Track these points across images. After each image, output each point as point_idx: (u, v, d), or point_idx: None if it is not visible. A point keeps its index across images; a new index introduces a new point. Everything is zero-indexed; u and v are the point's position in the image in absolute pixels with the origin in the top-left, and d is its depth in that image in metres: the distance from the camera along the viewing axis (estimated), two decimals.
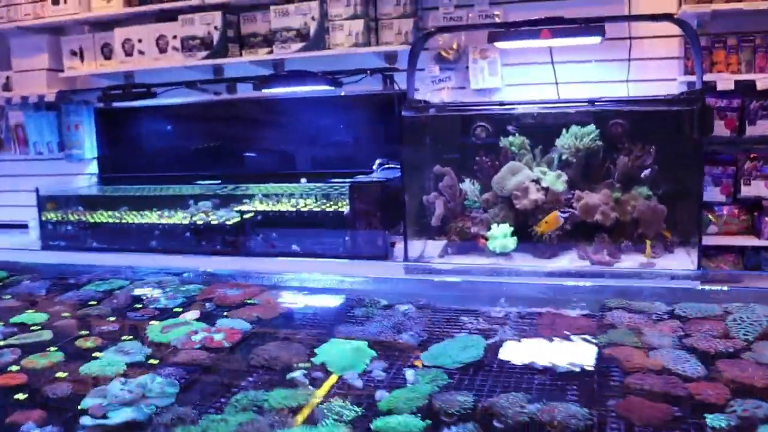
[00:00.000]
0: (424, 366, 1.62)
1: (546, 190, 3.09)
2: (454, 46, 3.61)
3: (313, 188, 3.71)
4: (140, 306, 2.11)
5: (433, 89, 3.73)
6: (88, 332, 1.90)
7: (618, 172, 3.11)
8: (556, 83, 3.55)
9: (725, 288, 2.05)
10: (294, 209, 3.50)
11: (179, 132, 4.22)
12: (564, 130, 3.14)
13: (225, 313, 1.99)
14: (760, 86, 3.12)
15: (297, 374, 1.57)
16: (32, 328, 1.96)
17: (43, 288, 2.38)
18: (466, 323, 1.91)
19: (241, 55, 3.79)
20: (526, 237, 3.09)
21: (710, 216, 3.44)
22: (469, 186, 3.27)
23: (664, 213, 3.03)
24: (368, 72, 3.60)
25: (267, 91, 3.72)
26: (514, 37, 3.05)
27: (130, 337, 1.85)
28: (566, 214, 2.89)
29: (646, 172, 3.06)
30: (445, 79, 3.69)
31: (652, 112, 3.01)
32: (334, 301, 2.22)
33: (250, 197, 3.75)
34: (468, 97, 3.71)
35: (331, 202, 3.54)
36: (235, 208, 3.62)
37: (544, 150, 3.22)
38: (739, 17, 3.20)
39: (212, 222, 3.59)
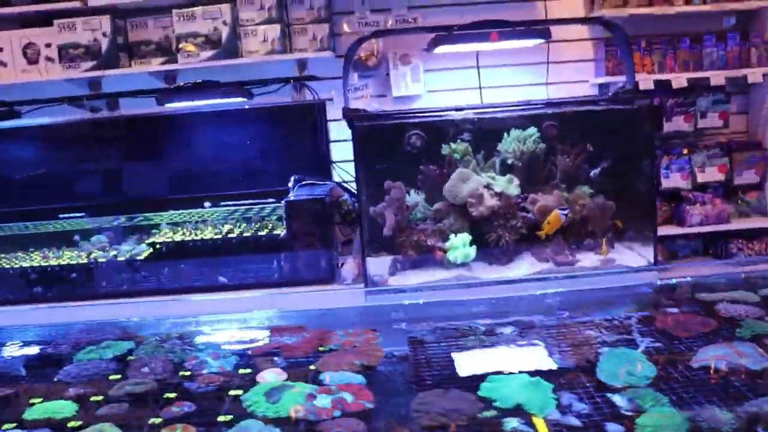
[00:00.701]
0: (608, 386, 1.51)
1: (499, 195, 3.01)
2: (374, 52, 3.44)
3: (231, 211, 3.34)
4: (188, 372, 1.69)
5: (353, 97, 3.52)
6: (160, 419, 1.44)
7: (560, 173, 3.12)
8: (480, 88, 3.50)
9: None
10: (219, 236, 3.11)
11: (54, 157, 3.59)
12: (505, 134, 3.09)
13: (312, 366, 1.66)
14: (675, 85, 3.30)
15: (513, 425, 1.32)
16: (71, 425, 1.44)
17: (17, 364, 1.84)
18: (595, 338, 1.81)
19: (130, 65, 3.31)
20: (483, 244, 3.01)
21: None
22: (414, 198, 3.11)
23: (613, 209, 3.09)
24: (291, 80, 3.31)
25: (171, 106, 3.28)
26: (463, 41, 2.95)
27: (227, 417, 1.43)
28: (566, 212, 2.84)
29: (596, 170, 3.09)
30: (362, 87, 3.50)
31: (597, 111, 3.05)
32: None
33: (156, 227, 3.30)
34: (390, 105, 3.55)
35: (259, 225, 3.20)
36: (147, 240, 3.15)
37: (486, 155, 3.15)
38: (649, 21, 3.37)
39: (118, 259, 3.08)
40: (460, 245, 2.95)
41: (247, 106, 3.51)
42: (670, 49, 3.35)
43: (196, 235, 3.10)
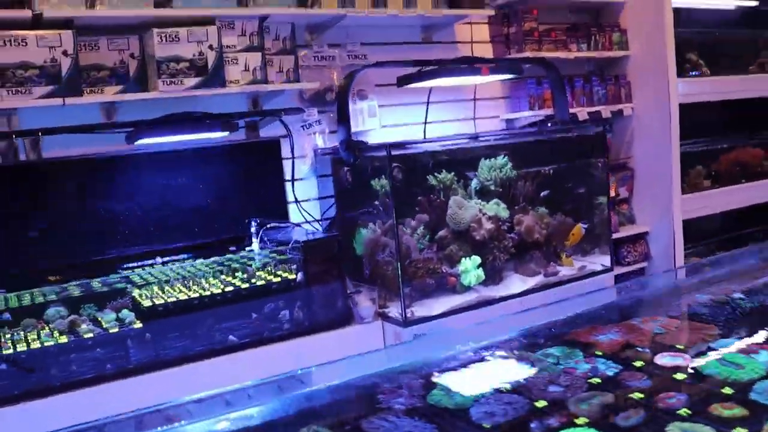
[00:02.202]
0: None
1: (492, 218, 3.22)
2: (332, 87, 3.40)
3: (209, 264, 3.00)
4: None
5: (307, 133, 3.42)
6: None
7: (522, 195, 3.45)
8: (425, 123, 3.68)
9: None
10: (220, 291, 2.77)
11: None
12: (483, 162, 3.33)
13: None
14: (581, 117, 3.88)
15: None
16: None
17: None
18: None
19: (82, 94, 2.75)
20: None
21: None
22: (410, 228, 3.16)
23: (572, 225, 3.50)
24: (283, 112, 3.09)
25: (141, 142, 2.82)
26: (456, 74, 3.11)
27: None
28: (586, 225, 3.11)
29: (545, 192, 3.46)
30: (315, 123, 3.43)
31: (551, 139, 3.46)
32: None
33: (121, 292, 2.81)
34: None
35: (265, 272, 2.93)
36: (122, 306, 2.68)
37: (464, 184, 3.35)
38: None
39: (110, 331, 2.55)
40: (471, 268, 3.09)
41: (189, 146, 3.18)
42: (568, 87, 3.93)
43: (194, 292, 2.71)
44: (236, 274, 2.95)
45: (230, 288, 2.80)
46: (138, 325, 2.59)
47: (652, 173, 4.24)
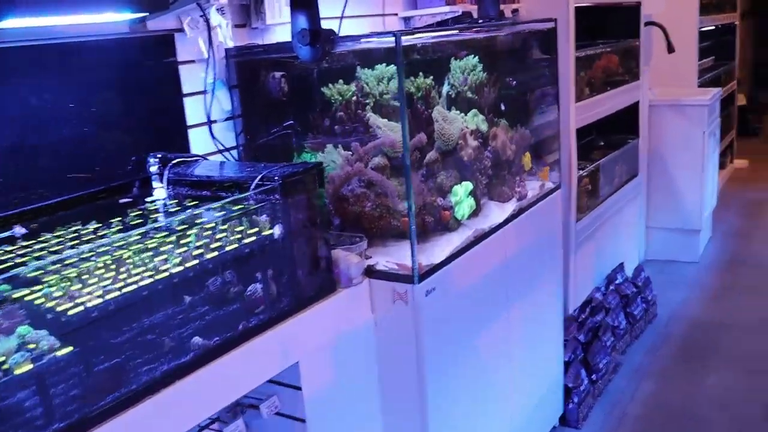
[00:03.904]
0: None
1: (473, 133, 2.55)
2: None
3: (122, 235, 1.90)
4: None
5: (205, 29, 2.37)
6: None
7: (489, 104, 2.81)
8: (342, 17, 2.80)
9: None
10: (167, 271, 1.73)
11: None
12: (454, 63, 2.60)
13: None
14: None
15: None
16: None
17: None
18: None
19: None
20: None
21: None
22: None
23: (531, 138, 2.96)
24: None
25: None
26: None
27: None
28: None
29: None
30: (218, 11, 2.40)
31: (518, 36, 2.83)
32: None
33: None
34: (248, 37, 2.53)
35: (223, 233, 1.91)
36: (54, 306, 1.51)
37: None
38: None
39: (17, 371, 1.41)
40: (464, 197, 2.42)
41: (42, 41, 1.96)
42: None
43: (128, 279, 1.62)
44: (168, 240, 1.90)
45: (187, 264, 1.76)
46: (63, 350, 1.48)
47: None
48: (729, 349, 4.01)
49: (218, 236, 1.83)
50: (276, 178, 1.90)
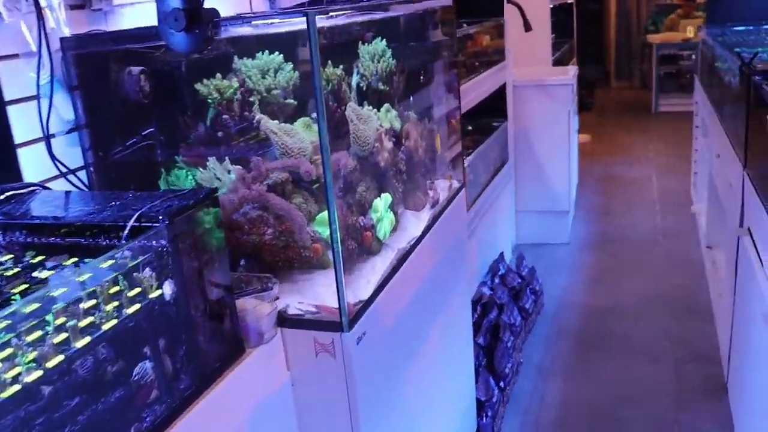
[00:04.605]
0: None
1: (387, 133, 2.11)
2: None
3: None
4: None
5: (27, 11, 1.74)
6: None
7: (397, 95, 2.37)
8: None
9: None
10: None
11: None
12: (363, 48, 2.12)
13: None
14: None
15: None
16: None
17: None
18: None
19: None
20: None
21: None
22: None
23: (436, 132, 2.57)
24: None
25: None
26: None
27: None
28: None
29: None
30: None
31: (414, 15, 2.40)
32: None
33: None
34: (87, 22, 1.92)
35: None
36: None
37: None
38: None
39: None
40: (384, 213, 1.99)
41: None
42: None
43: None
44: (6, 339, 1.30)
45: (47, 364, 1.18)
46: None
47: None
48: (624, 336, 3.93)
49: (86, 306, 1.27)
50: (160, 217, 1.36)
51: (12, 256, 1.46)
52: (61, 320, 1.20)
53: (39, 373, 1.12)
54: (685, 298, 4.30)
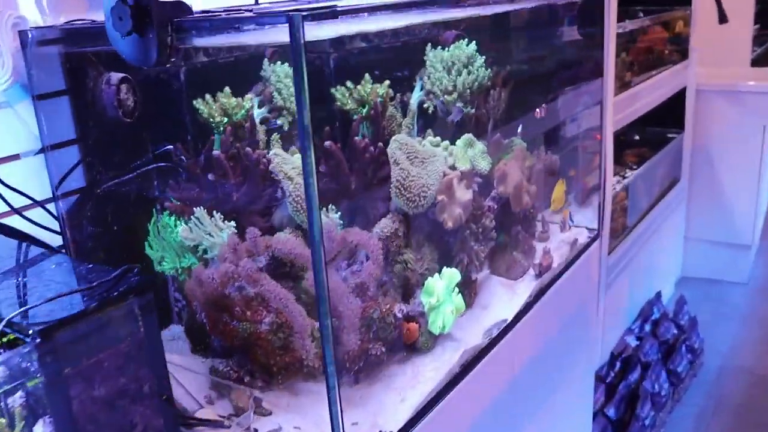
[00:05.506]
0: None
1: (465, 177, 1.50)
2: None
3: None
4: None
5: None
6: None
7: (490, 119, 1.75)
8: None
9: None
10: None
11: None
12: (433, 54, 1.53)
13: None
14: None
15: None
16: None
17: None
18: None
19: None
20: None
21: None
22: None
23: (557, 163, 1.91)
24: None
25: None
26: None
27: None
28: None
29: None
30: None
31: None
32: None
33: None
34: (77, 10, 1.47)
35: None
36: None
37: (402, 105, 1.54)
38: None
39: None
40: (446, 297, 1.38)
41: None
42: None
43: None
44: None
45: None
46: None
47: None
48: None
49: None
50: (30, 330, 0.87)
51: None
52: None
53: None
54: None
